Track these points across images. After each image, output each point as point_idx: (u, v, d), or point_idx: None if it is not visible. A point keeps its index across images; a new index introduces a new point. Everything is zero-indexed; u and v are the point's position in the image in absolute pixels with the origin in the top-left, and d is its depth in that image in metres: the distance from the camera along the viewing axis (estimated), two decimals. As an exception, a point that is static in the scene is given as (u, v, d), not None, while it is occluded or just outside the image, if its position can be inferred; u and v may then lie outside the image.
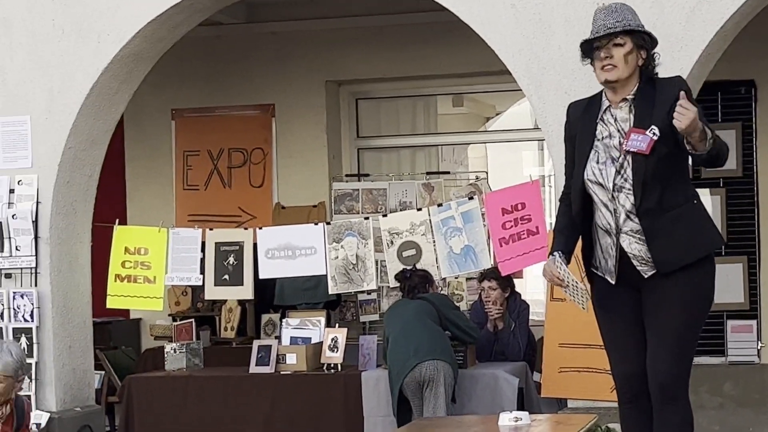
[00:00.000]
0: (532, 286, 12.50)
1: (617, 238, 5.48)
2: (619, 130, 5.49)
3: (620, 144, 5.45)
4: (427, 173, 11.66)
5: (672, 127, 5.23)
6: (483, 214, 8.65)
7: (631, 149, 5.39)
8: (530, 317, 9.69)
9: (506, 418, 6.43)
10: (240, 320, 11.09)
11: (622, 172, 5.44)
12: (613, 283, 5.55)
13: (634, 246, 5.46)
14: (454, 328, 8.82)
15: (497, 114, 13.77)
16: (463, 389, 8.72)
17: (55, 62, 9.09)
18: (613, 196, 5.46)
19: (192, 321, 10.49)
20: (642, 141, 5.36)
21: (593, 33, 5.50)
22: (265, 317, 10.96)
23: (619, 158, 5.45)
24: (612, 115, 5.53)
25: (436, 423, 7.27)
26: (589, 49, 5.53)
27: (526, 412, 6.63)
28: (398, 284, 9.06)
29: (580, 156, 5.57)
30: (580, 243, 5.67)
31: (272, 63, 11.85)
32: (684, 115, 5.15)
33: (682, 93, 5.22)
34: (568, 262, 5.61)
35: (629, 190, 5.42)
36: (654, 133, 5.33)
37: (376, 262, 9.16)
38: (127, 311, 11.55)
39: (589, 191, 5.53)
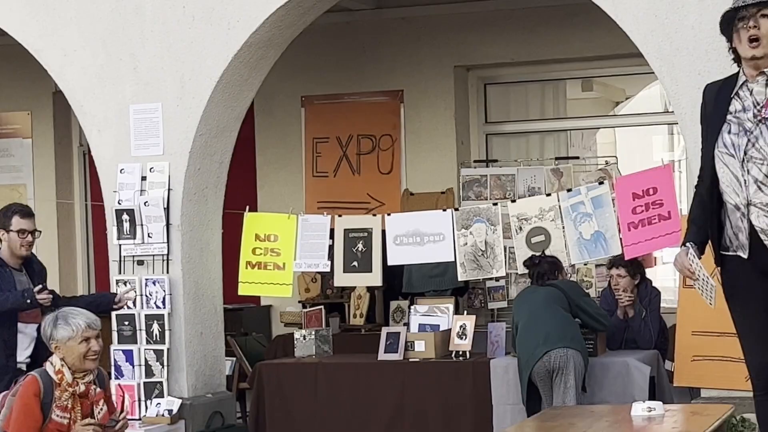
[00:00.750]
0: (663, 273, 12.29)
1: (747, 210, 5.32)
2: (754, 103, 5.32)
3: (754, 116, 5.29)
4: (556, 158, 11.52)
5: None
6: (613, 200, 8.53)
7: None
8: (662, 304, 9.52)
9: (639, 408, 6.32)
10: (369, 307, 11.08)
11: (755, 142, 5.28)
12: (746, 257, 5.37)
13: (762, 219, 5.28)
14: (584, 315, 8.70)
15: (627, 98, 13.55)
16: (593, 378, 8.59)
17: (186, 49, 9.17)
18: (743, 167, 5.29)
19: (321, 308, 10.53)
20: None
21: (739, 1, 5.30)
22: (393, 304, 10.94)
23: (752, 129, 5.29)
24: (748, 89, 5.36)
25: (566, 412, 7.16)
26: (730, 20, 5.34)
27: (660, 402, 6.51)
28: (527, 271, 8.97)
29: (712, 131, 5.42)
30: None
31: (401, 49, 11.82)
32: None
33: None
34: (701, 253, 5.48)
35: (761, 160, 5.26)
36: None
37: (505, 248, 9.08)
38: (258, 298, 11.64)
39: (719, 164, 5.37)
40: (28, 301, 7.75)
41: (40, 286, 7.86)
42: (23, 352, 7.83)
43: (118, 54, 9.33)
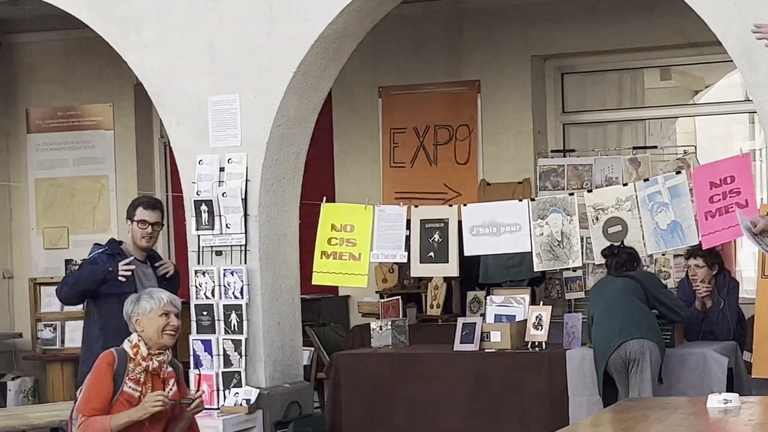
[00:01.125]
0: (742, 264, 12.16)
1: None
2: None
3: None
4: (634, 148, 11.41)
5: None
6: (691, 190, 8.45)
7: None
8: (740, 295, 9.43)
9: (715, 400, 6.27)
10: (446, 298, 11.09)
11: None
12: None
13: None
14: (661, 306, 8.64)
15: (706, 86, 13.41)
16: (670, 369, 8.54)
17: (263, 41, 9.22)
18: None
19: (399, 298, 10.56)
20: None
21: None
22: (470, 294, 10.94)
23: None
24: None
25: (642, 404, 7.12)
26: None
27: (736, 394, 6.44)
28: (604, 261, 8.92)
29: None
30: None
31: (478, 39, 11.80)
32: None
33: None
34: None
35: None
36: None
37: (582, 238, 9.03)
38: (336, 288, 11.70)
39: None
40: (105, 275, 7.78)
41: (130, 258, 7.92)
42: None
43: (197, 46, 9.41)
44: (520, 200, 9.16)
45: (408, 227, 9.34)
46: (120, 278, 7.86)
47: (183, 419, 6.15)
